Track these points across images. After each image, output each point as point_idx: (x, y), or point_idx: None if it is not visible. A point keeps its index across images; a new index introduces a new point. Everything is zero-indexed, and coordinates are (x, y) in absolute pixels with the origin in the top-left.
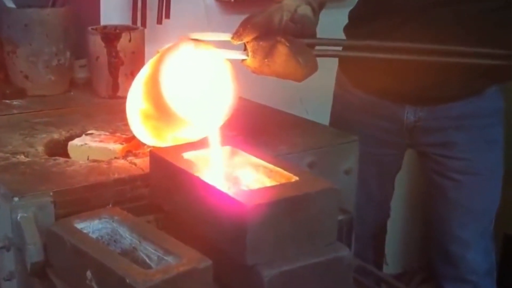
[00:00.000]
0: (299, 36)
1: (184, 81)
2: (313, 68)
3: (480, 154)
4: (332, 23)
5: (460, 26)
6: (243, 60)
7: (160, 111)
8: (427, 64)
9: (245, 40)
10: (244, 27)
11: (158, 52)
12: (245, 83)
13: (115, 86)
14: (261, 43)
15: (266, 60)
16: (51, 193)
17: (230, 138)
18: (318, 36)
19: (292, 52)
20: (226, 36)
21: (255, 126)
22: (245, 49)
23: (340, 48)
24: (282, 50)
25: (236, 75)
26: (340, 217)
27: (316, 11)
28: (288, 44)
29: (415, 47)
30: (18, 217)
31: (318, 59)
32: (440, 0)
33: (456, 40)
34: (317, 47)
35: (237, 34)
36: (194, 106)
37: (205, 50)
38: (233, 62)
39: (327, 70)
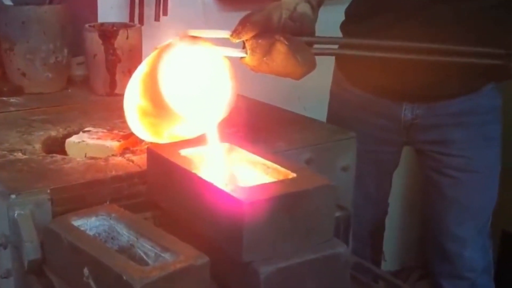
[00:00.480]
0: (298, 34)
1: (182, 78)
2: (312, 66)
3: (478, 152)
4: (329, 21)
5: (460, 23)
6: (241, 58)
7: (158, 108)
8: (425, 62)
9: (244, 38)
10: (243, 25)
11: (156, 48)
12: (243, 80)
13: (112, 84)
14: (260, 41)
15: (265, 58)
16: (48, 191)
17: (227, 134)
18: (316, 33)
19: (291, 51)
20: (224, 34)
21: (252, 123)
22: (244, 47)
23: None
24: (281, 49)
25: (235, 72)
26: (338, 214)
27: (315, 9)
28: (287, 43)
29: (413, 46)
30: (15, 215)
31: (316, 57)
32: None
33: (455, 38)
34: (315, 45)
35: (236, 32)
36: (192, 104)
37: (204, 48)
38: (232, 59)
39: (326, 68)
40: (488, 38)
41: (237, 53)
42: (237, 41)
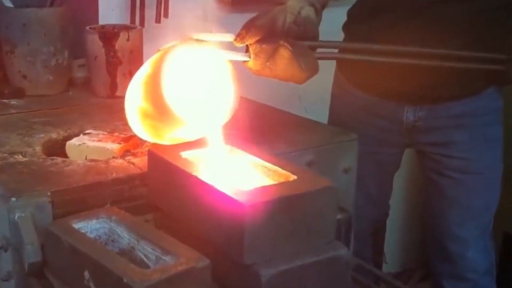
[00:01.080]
0: (302, 38)
1: (185, 82)
2: (314, 71)
3: (479, 153)
4: (331, 21)
5: (460, 25)
6: (244, 61)
7: (160, 111)
8: (427, 65)
9: (248, 43)
10: (247, 29)
11: (159, 50)
12: (244, 82)
13: (113, 86)
14: (263, 46)
15: (268, 63)
16: (48, 193)
17: (228, 136)
18: (319, 33)
19: (294, 56)
20: (228, 37)
21: (253, 125)
22: (247, 51)
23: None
24: (284, 54)
25: (238, 76)
26: (339, 216)
27: (319, 12)
28: (290, 48)
29: (415, 51)
30: (16, 217)
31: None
32: None
33: (456, 39)
34: (318, 49)
35: (240, 37)
36: (194, 107)
37: (207, 51)
38: (233, 61)
39: (327, 69)
40: (488, 40)
41: (240, 57)
42: (241, 45)
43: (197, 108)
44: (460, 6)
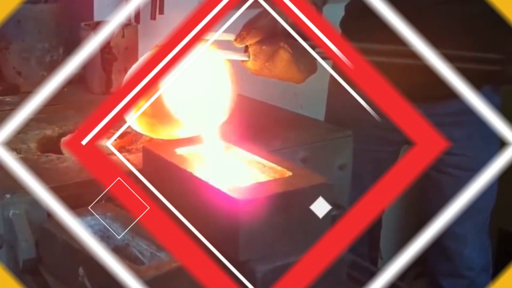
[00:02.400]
0: (302, 38)
1: (183, 81)
2: (313, 71)
3: (477, 150)
4: (329, 18)
5: (461, 26)
6: (243, 61)
7: (157, 110)
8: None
9: (248, 43)
10: (248, 30)
11: (156, 46)
12: (240, 78)
13: (108, 82)
14: (264, 47)
15: (267, 64)
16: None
17: (223, 133)
18: None
19: (294, 58)
20: (227, 36)
21: (248, 121)
22: (246, 51)
23: None
24: (284, 56)
25: (234, 74)
26: (334, 213)
27: (320, 9)
28: (290, 51)
29: (412, 50)
30: (10, 214)
31: None
32: None
33: (456, 40)
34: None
35: (240, 37)
36: (191, 107)
37: (206, 50)
38: (231, 59)
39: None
40: (490, 41)
41: (239, 56)
42: (241, 46)
43: (194, 107)
44: (460, 8)
